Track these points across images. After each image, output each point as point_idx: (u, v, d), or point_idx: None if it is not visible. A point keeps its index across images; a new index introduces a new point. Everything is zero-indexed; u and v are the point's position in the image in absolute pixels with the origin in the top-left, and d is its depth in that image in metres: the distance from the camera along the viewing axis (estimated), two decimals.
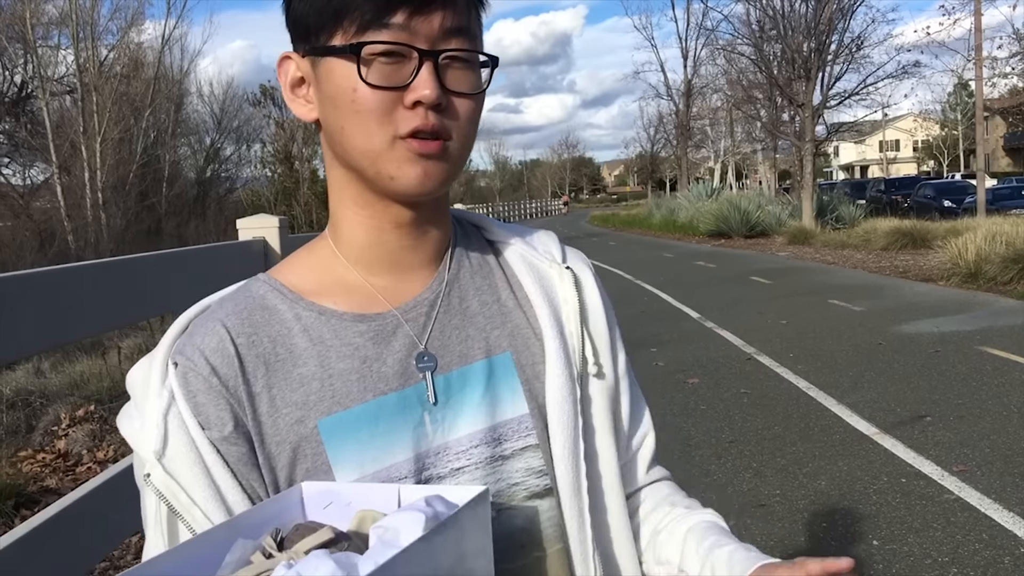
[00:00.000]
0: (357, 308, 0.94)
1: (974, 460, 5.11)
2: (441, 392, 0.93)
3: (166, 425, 0.86)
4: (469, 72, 0.90)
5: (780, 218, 26.10)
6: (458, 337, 0.97)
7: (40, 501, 4.87)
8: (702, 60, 43.59)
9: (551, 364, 0.98)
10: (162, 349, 0.91)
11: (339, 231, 0.97)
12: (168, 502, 0.85)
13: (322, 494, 0.84)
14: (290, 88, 0.94)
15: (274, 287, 0.95)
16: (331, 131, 0.91)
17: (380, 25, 0.84)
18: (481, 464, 0.93)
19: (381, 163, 0.88)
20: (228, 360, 0.89)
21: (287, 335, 0.92)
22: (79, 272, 1.84)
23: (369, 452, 0.89)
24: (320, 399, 0.90)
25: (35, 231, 21.22)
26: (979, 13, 21.23)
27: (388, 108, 0.86)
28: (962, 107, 57.82)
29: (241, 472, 0.87)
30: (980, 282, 12.19)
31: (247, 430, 0.88)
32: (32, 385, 7.72)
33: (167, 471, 0.85)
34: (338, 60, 0.86)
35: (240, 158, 36.02)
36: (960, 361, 7.64)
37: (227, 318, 0.92)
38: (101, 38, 27.53)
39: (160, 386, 0.88)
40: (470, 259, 1.03)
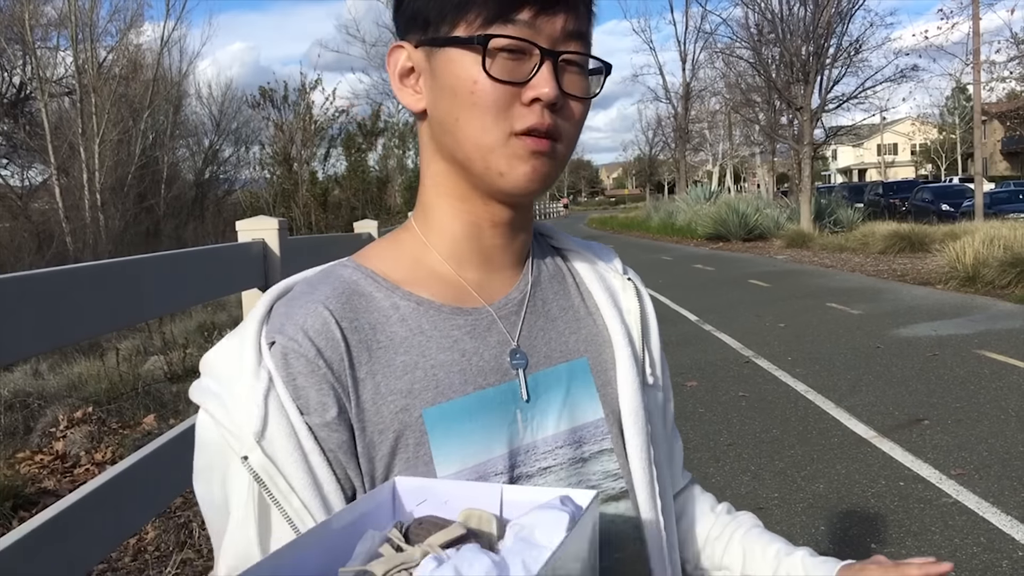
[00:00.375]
0: (452, 301, 0.94)
1: (972, 463, 5.11)
2: (531, 391, 0.94)
3: (266, 407, 0.82)
4: (582, 77, 0.92)
5: (778, 221, 26.12)
6: (543, 339, 0.98)
7: (38, 503, 4.86)
8: (701, 63, 43.64)
9: (623, 371, 1.00)
10: (251, 330, 0.87)
11: (432, 223, 0.97)
12: (266, 487, 0.81)
13: (417, 490, 0.82)
14: (399, 78, 0.94)
15: (366, 274, 0.94)
16: (442, 122, 0.91)
17: (506, 20, 0.85)
18: (565, 465, 0.94)
19: (493, 158, 0.88)
20: (334, 344, 0.86)
21: (386, 323, 0.90)
22: (78, 274, 1.84)
23: (469, 446, 0.88)
24: (424, 388, 0.88)
25: (33, 232, 21.21)
26: (977, 17, 21.26)
27: (506, 103, 0.86)
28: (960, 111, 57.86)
29: (338, 460, 0.85)
30: (978, 286, 12.20)
31: (348, 417, 0.85)
32: (30, 386, 7.71)
33: (266, 454, 0.81)
34: (460, 51, 0.87)
35: (239, 160, 36.04)
36: (958, 365, 7.64)
37: (328, 301, 0.89)
38: (100, 40, 27.58)
39: (256, 366, 0.84)
40: (546, 264, 1.05)
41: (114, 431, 6.34)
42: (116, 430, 6.36)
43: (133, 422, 6.52)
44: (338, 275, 0.94)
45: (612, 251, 1.13)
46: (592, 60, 0.93)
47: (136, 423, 6.47)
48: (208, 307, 11.51)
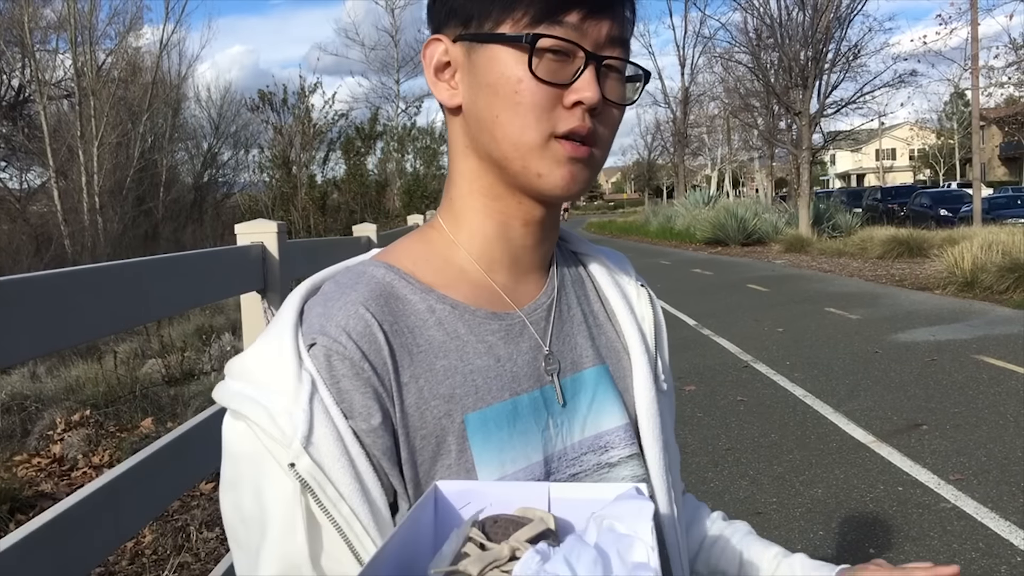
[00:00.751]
0: (486, 305, 0.93)
1: (970, 469, 5.11)
2: (566, 396, 0.94)
3: (311, 411, 0.79)
4: (621, 83, 0.92)
5: (777, 226, 26.16)
6: (570, 344, 0.97)
7: (35, 506, 4.85)
8: (699, 68, 43.87)
9: (640, 378, 1.00)
10: (286, 331, 0.84)
11: (462, 222, 0.95)
12: (315, 494, 0.78)
13: (460, 493, 0.80)
14: (434, 72, 0.93)
15: (399, 275, 0.91)
16: (480, 119, 0.89)
17: (553, 21, 0.85)
18: (591, 471, 0.94)
19: (531, 159, 0.87)
20: (378, 347, 0.84)
21: (423, 326, 0.89)
22: (76, 276, 1.84)
23: (509, 452, 0.87)
24: (465, 393, 0.87)
25: (31, 235, 21.20)
26: (976, 23, 21.30)
27: (549, 104, 0.86)
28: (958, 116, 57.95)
29: (382, 467, 0.82)
30: (976, 291, 12.22)
31: (392, 423, 0.83)
32: (28, 389, 7.70)
33: (315, 460, 0.78)
34: (504, 49, 0.86)
35: (237, 163, 36.05)
36: (956, 370, 7.64)
37: (367, 302, 0.87)
38: (99, 43, 27.59)
39: (297, 369, 0.81)
40: (568, 269, 1.04)
41: (112, 434, 6.34)
42: (114, 433, 6.36)
43: (131, 425, 6.51)
44: (371, 275, 0.91)
45: (625, 258, 1.13)
46: (631, 67, 0.93)
47: (134, 426, 6.47)
48: (206, 310, 11.50)
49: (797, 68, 24.26)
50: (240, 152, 35.75)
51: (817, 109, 24.67)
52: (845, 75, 25.07)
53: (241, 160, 36.01)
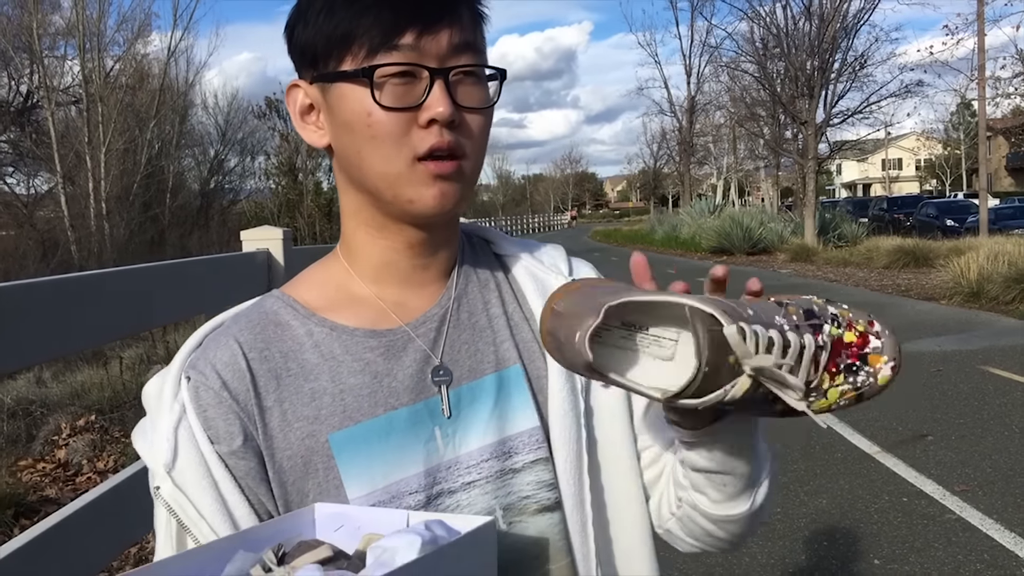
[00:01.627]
0: (368, 324, 0.94)
1: (976, 480, 5.10)
2: (452, 406, 0.94)
3: (176, 438, 0.86)
4: (478, 87, 0.91)
5: (782, 235, 26.11)
6: (468, 351, 0.97)
7: (40, 511, 4.86)
8: (705, 77, 43.67)
9: (552, 378, 0.97)
10: (176, 364, 0.92)
11: (353, 250, 0.98)
12: (177, 515, 0.85)
13: (334, 516, 0.85)
14: (300, 116, 0.94)
15: (287, 303, 0.96)
16: (346, 156, 0.92)
17: (390, 47, 0.85)
18: (492, 478, 0.93)
19: (399, 186, 0.89)
20: (239, 374, 0.90)
21: (298, 350, 0.92)
22: (83, 282, 1.84)
23: (379, 467, 0.89)
24: (331, 413, 0.90)
25: (38, 240, 21.27)
26: (982, 33, 21.29)
27: (404, 129, 0.87)
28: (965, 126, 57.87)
29: (249, 487, 0.88)
30: (982, 301, 12.18)
31: (257, 444, 0.89)
32: (33, 394, 7.71)
33: (176, 484, 0.85)
34: (350, 85, 0.87)
35: (244, 170, 36.11)
36: (962, 380, 7.62)
37: (240, 333, 0.93)
38: (107, 49, 27.64)
39: (172, 400, 0.89)
40: (478, 274, 1.03)
41: (116, 440, 6.35)
42: (118, 439, 6.37)
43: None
44: (261, 306, 0.97)
45: (559, 252, 1.10)
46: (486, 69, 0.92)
47: None
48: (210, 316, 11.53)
49: (803, 78, 24.25)
50: (246, 159, 35.83)
51: (823, 119, 24.65)
52: (851, 85, 25.04)
53: (247, 167, 36.09)
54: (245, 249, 2.96)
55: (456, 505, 0.92)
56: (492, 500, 0.93)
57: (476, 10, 0.92)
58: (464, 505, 0.92)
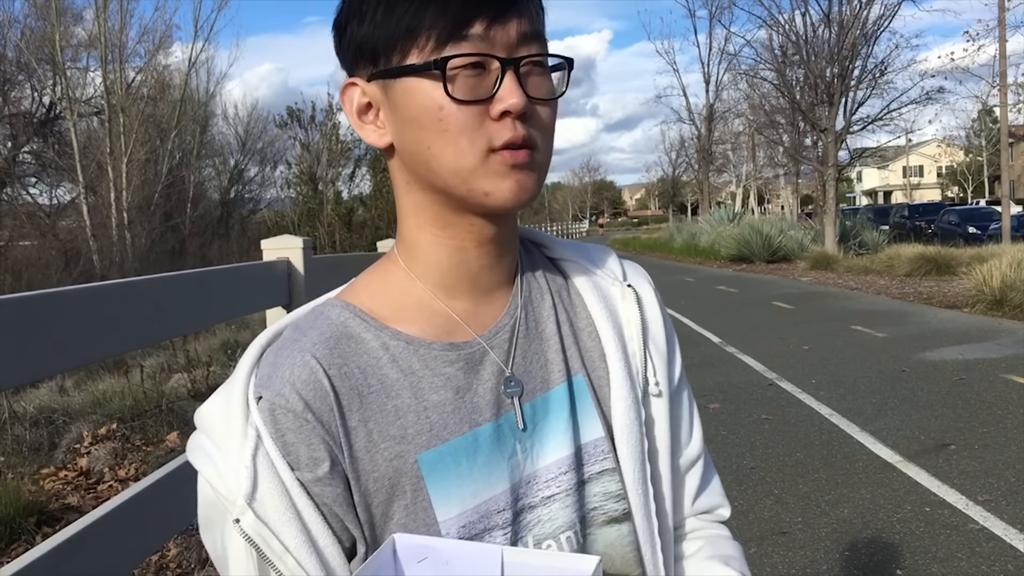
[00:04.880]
0: (444, 336, 0.91)
1: (999, 489, 5.05)
2: (528, 419, 0.92)
3: (255, 467, 0.81)
4: (545, 77, 0.89)
5: (802, 243, 26.00)
6: (538, 362, 0.95)
7: (62, 519, 4.89)
8: (724, 85, 43.66)
9: (616, 387, 0.96)
10: (239, 383, 0.86)
11: (416, 254, 0.93)
12: (259, 549, 0.80)
13: (417, 548, 0.80)
14: (357, 115, 0.91)
15: (354, 313, 0.91)
16: (413, 153, 0.87)
17: (459, 38, 0.82)
18: (570, 491, 0.92)
19: (474, 180, 0.85)
20: (322, 394, 0.84)
21: (376, 365, 0.88)
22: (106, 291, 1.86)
23: (469, 486, 0.87)
24: (418, 432, 0.86)
25: (61, 250, 21.44)
26: (1004, 39, 21.16)
27: (477, 122, 0.83)
28: (987, 133, 57.47)
29: (334, 514, 0.83)
30: (1005, 309, 12.07)
31: (342, 468, 0.84)
32: (55, 403, 7.77)
33: (258, 516, 0.80)
34: (417, 79, 0.84)
35: (264, 179, 36.35)
36: (985, 389, 7.55)
37: (315, 348, 0.87)
38: (129, 60, 27.94)
39: (244, 423, 0.83)
40: (538, 280, 1.00)
41: (138, 448, 6.38)
42: (140, 447, 6.40)
43: (157, 439, 6.56)
44: (326, 317, 0.91)
45: (611, 254, 1.08)
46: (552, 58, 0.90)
47: (160, 440, 6.51)
48: (232, 325, 11.56)
49: (823, 85, 24.15)
50: (267, 168, 36.07)
51: (843, 126, 24.52)
52: (872, 92, 24.90)
53: (267, 176, 36.35)
54: (265, 258, 2.98)
55: (537, 521, 0.90)
56: (573, 513, 0.92)
57: (540, 3, 0.90)
58: (545, 520, 0.90)
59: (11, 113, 26.13)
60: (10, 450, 6.39)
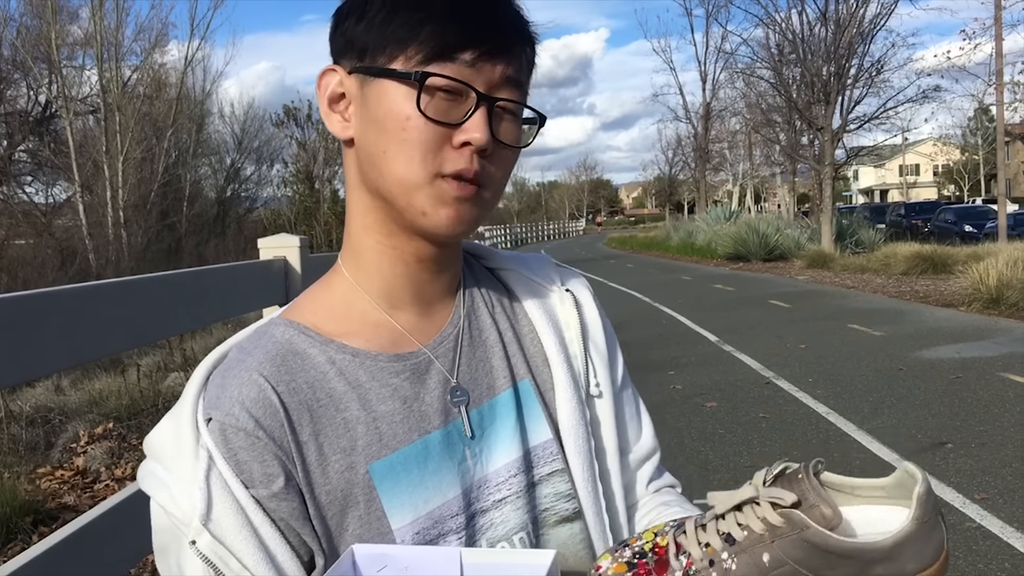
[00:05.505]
0: (389, 347, 0.93)
1: (996, 488, 5.05)
2: (476, 426, 0.93)
3: (209, 488, 0.82)
4: (515, 125, 0.91)
5: (799, 242, 26.01)
6: (483, 369, 0.97)
7: (58, 518, 4.88)
8: (721, 83, 43.63)
9: (560, 390, 0.98)
10: (187, 406, 0.86)
11: (360, 261, 0.95)
12: (217, 570, 0.80)
13: (376, 557, 0.81)
14: (328, 103, 0.92)
15: (299, 330, 0.92)
16: (369, 153, 0.89)
17: (447, 59, 0.84)
18: (521, 493, 0.94)
19: (416, 196, 0.87)
20: (272, 411, 0.85)
21: (323, 379, 0.89)
22: (102, 290, 1.85)
23: (421, 493, 0.88)
24: (368, 443, 0.88)
25: (57, 249, 21.39)
26: (1000, 38, 21.17)
27: (437, 143, 0.85)
28: (983, 132, 57.57)
29: (291, 528, 0.84)
30: (1002, 308, 12.09)
31: (297, 483, 0.85)
32: (51, 402, 7.76)
33: (215, 536, 0.81)
34: (395, 84, 0.85)
35: (260, 178, 36.29)
36: (982, 387, 7.56)
37: (261, 366, 0.88)
38: (125, 59, 27.86)
39: (195, 446, 0.83)
40: (480, 290, 1.02)
41: (134, 447, 6.37)
42: (136, 446, 6.39)
43: None
44: (271, 336, 0.92)
45: (547, 261, 1.10)
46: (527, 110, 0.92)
47: None
48: (228, 324, 11.54)
49: (819, 83, 24.16)
50: (263, 167, 36.02)
51: (839, 124, 24.53)
52: (868, 90, 24.91)
53: (264, 175, 36.28)
54: (262, 257, 2.97)
55: (490, 524, 0.92)
56: (524, 515, 0.94)
57: (531, 56, 0.92)
58: (498, 523, 0.92)
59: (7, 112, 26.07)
60: (6, 449, 6.38)
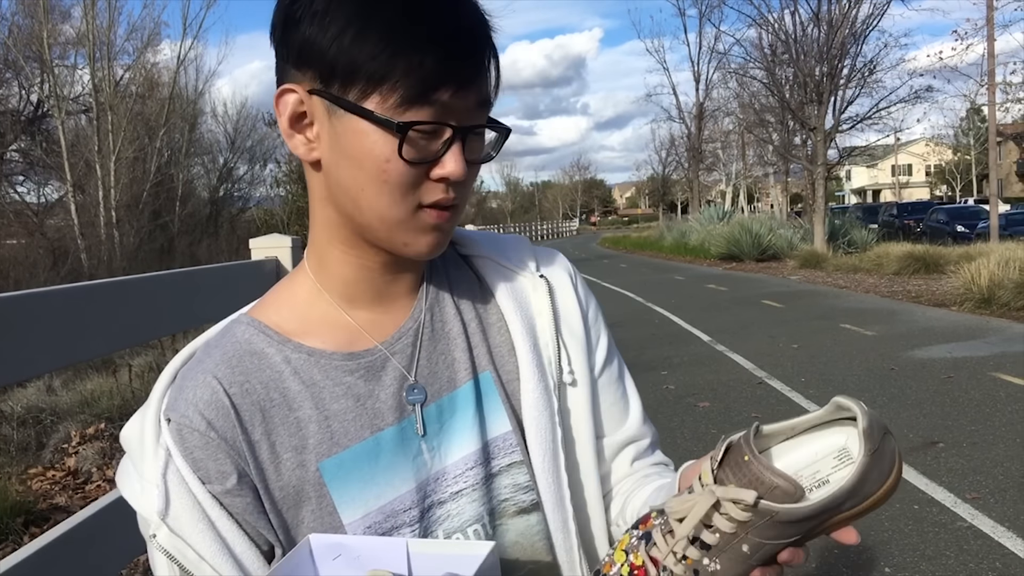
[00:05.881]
0: (344, 346, 0.94)
1: (987, 487, 5.07)
2: (434, 420, 0.95)
3: (166, 484, 0.86)
4: (482, 140, 0.92)
5: (792, 242, 26.06)
6: (444, 362, 0.97)
7: (49, 519, 4.87)
8: (714, 83, 43.67)
9: (525, 380, 0.98)
10: (153, 404, 0.90)
11: (324, 264, 0.96)
12: (177, 561, 0.85)
13: (331, 547, 0.85)
14: (289, 123, 0.89)
15: (259, 329, 0.94)
16: (345, 187, 0.88)
17: (424, 101, 0.83)
18: (478, 485, 0.95)
19: (397, 231, 0.89)
20: (224, 412, 0.88)
21: (279, 379, 0.91)
22: (94, 291, 1.85)
23: (372, 489, 0.91)
24: (319, 442, 0.90)
25: (48, 249, 21.33)
26: (992, 39, 21.24)
27: (416, 181, 0.86)
28: (975, 132, 57.75)
29: (247, 521, 0.88)
30: (993, 307, 12.13)
31: (251, 479, 0.88)
32: (43, 402, 7.73)
33: (172, 530, 0.85)
34: (372, 126, 0.83)
35: (253, 177, 36.21)
36: (973, 387, 7.59)
37: (216, 368, 0.91)
38: (117, 58, 27.80)
39: (155, 444, 0.88)
40: (448, 279, 1.02)
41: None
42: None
43: None
44: (232, 334, 0.94)
45: (524, 244, 1.09)
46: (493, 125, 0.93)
47: None
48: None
49: (812, 84, 24.21)
50: (256, 167, 35.93)
51: (832, 125, 24.59)
52: (860, 91, 24.95)
53: (257, 175, 36.18)
54: (254, 257, 2.97)
55: (446, 515, 0.93)
56: (480, 507, 0.95)
57: (498, 63, 0.92)
58: (454, 514, 0.94)
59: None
60: None
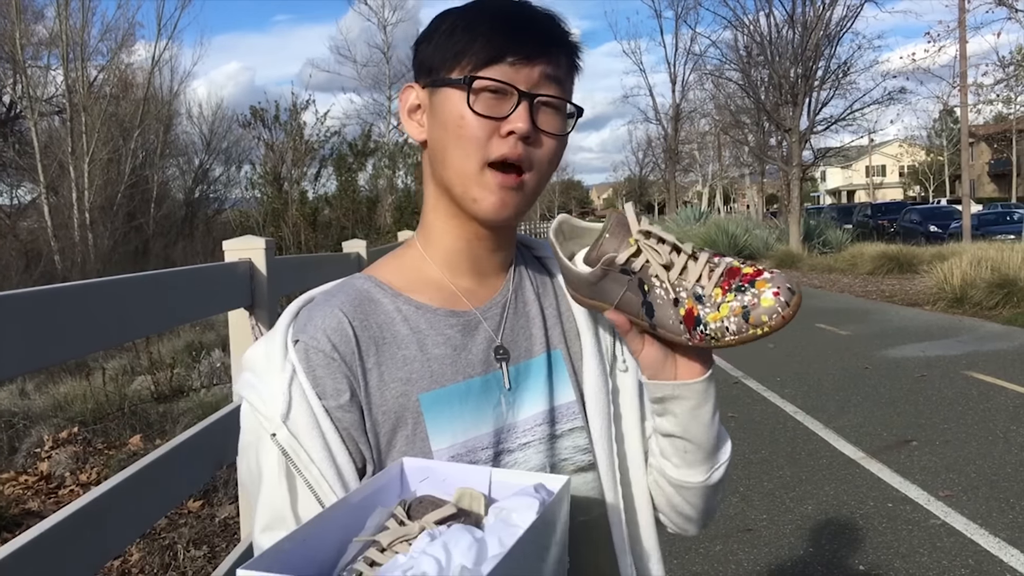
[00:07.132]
0: (447, 305, 1.11)
1: (960, 485, 5.12)
2: (512, 379, 1.11)
3: (290, 394, 1.00)
4: (557, 117, 1.08)
5: (768, 242, 26.23)
6: (524, 335, 1.15)
7: (22, 524, 4.82)
8: (690, 85, 43.91)
9: (587, 361, 1.16)
10: (280, 331, 1.05)
11: (430, 237, 1.14)
12: (290, 457, 0.98)
13: (420, 469, 0.97)
14: (407, 113, 1.12)
15: (375, 283, 1.11)
16: (436, 150, 1.08)
17: (492, 64, 1.02)
18: (542, 440, 1.11)
19: (469, 185, 1.05)
20: (347, 339, 1.04)
21: (391, 323, 1.08)
22: (66, 293, 1.83)
23: (459, 424, 1.05)
24: (421, 377, 1.05)
25: (21, 251, 21.13)
26: (964, 40, 21.45)
27: (486, 135, 1.03)
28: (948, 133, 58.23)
29: (351, 436, 1.02)
30: (966, 307, 12.26)
31: (359, 400, 1.03)
32: (15, 406, 7.65)
33: (291, 432, 0.99)
34: (453, 91, 1.04)
35: (229, 179, 35.99)
36: (946, 386, 7.66)
37: (343, 305, 1.07)
38: (91, 59, 27.58)
39: (283, 361, 1.02)
40: (529, 272, 1.21)
41: (99, 452, 6.31)
42: (102, 451, 6.33)
43: (119, 443, 6.47)
44: (352, 285, 1.12)
45: None
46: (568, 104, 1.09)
47: (122, 444, 6.43)
48: (196, 327, 11.44)
49: (787, 85, 24.38)
50: (231, 168, 35.72)
51: (807, 126, 24.78)
52: (835, 92, 25.19)
53: (232, 176, 35.95)
54: (227, 259, 2.95)
55: (514, 463, 1.09)
56: (544, 459, 1.10)
57: (573, 60, 1.10)
58: (521, 462, 1.09)
59: None
60: None
